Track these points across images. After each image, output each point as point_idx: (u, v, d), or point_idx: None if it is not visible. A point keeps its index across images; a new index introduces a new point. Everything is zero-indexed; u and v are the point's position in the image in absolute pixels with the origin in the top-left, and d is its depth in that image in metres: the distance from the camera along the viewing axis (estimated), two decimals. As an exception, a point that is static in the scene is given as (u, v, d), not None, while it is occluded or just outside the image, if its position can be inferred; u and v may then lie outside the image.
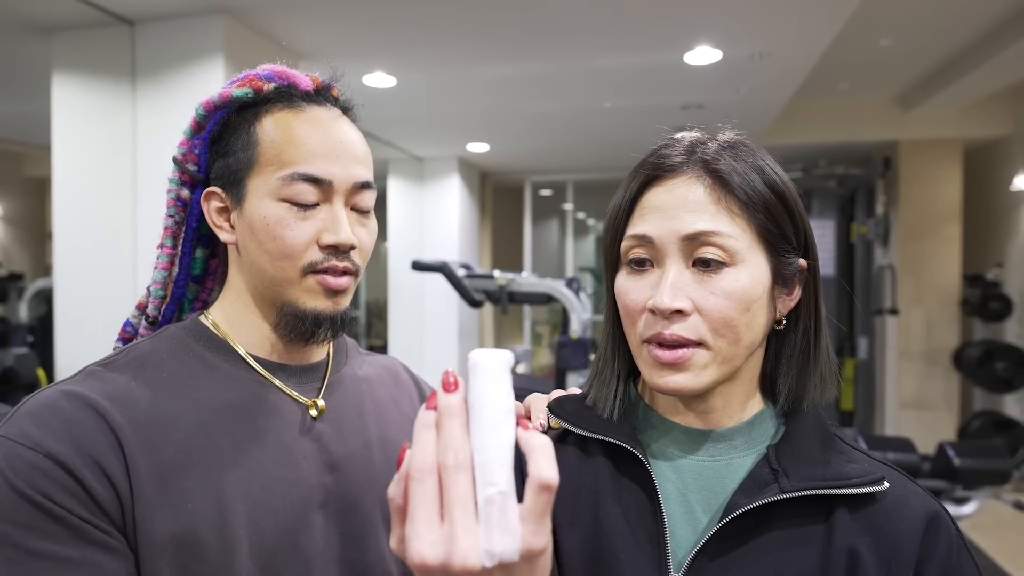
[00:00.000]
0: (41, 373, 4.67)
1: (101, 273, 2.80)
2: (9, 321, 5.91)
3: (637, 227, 0.66)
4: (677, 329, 0.62)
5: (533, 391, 0.81)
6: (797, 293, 0.68)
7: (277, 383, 0.79)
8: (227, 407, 0.74)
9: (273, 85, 0.78)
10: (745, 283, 0.62)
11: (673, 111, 4.33)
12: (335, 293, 0.78)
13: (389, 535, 0.78)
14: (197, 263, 0.85)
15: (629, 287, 0.66)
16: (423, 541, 0.42)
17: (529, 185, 7.19)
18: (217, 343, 0.78)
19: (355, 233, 0.77)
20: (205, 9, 2.66)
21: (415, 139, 5.32)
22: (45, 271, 6.54)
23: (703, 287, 0.62)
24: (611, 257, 0.70)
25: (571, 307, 3.79)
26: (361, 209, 0.80)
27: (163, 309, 0.84)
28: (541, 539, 0.43)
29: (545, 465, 0.43)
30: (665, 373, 0.63)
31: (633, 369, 0.71)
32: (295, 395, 0.80)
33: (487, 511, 0.42)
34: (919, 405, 5.27)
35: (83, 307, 2.82)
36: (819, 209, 5.59)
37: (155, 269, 0.84)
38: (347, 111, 0.83)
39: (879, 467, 0.66)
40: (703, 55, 3.26)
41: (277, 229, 0.74)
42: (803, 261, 0.67)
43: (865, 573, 0.60)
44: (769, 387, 0.70)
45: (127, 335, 0.86)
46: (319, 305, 0.77)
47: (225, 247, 0.85)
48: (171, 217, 0.82)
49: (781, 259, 0.65)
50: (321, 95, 0.81)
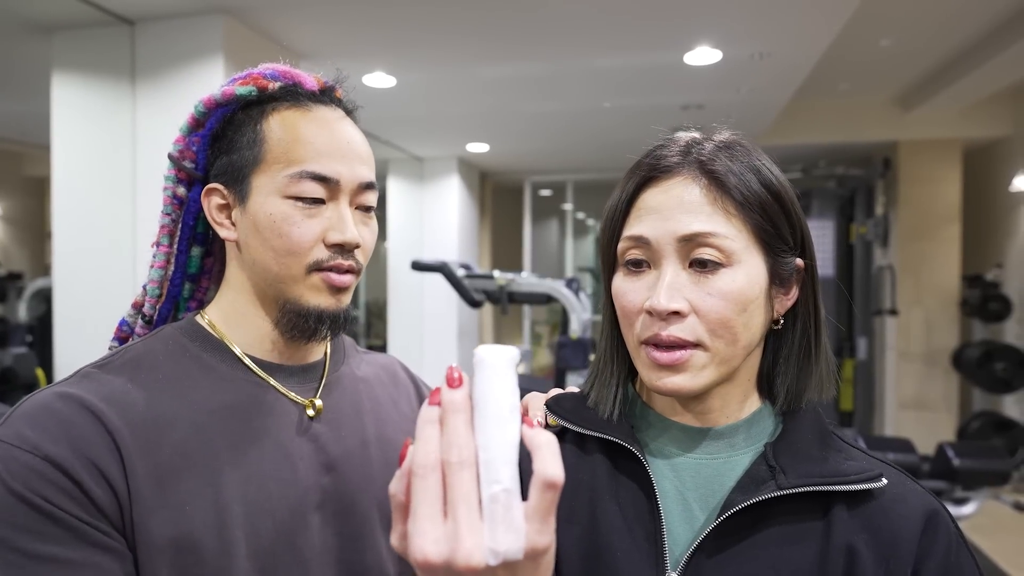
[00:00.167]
0: (40, 373, 4.67)
1: (100, 273, 2.80)
2: (8, 321, 5.91)
3: (633, 228, 0.66)
4: (674, 330, 0.62)
5: (533, 391, 0.81)
6: (794, 293, 0.67)
7: (274, 383, 0.79)
8: (224, 408, 0.74)
9: (279, 84, 0.78)
10: (742, 283, 0.62)
11: (673, 111, 4.33)
12: (338, 290, 0.78)
13: (387, 535, 0.78)
14: (193, 261, 0.84)
15: (626, 288, 0.66)
16: (426, 538, 0.42)
17: (529, 185, 7.19)
18: (213, 343, 0.78)
19: (359, 232, 0.78)
20: (205, 9, 2.66)
21: (415, 139, 5.32)
22: (44, 271, 6.55)
23: (700, 288, 0.62)
24: (608, 258, 0.70)
25: (571, 307, 3.79)
26: (364, 209, 0.81)
27: (159, 308, 0.84)
28: (545, 537, 0.43)
29: (550, 463, 0.43)
30: (663, 374, 0.63)
31: (632, 369, 0.71)
32: (292, 395, 0.80)
33: (491, 509, 0.42)
34: (918, 406, 5.27)
35: (82, 307, 2.82)
36: (819, 209, 5.59)
37: (151, 268, 0.84)
38: (350, 113, 0.84)
39: (877, 465, 0.66)
40: (703, 55, 3.26)
41: (284, 226, 0.74)
42: (800, 261, 0.67)
43: (863, 571, 0.60)
44: (767, 387, 0.70)
45: (123, 335, 0.86)
46: (322, 302, 0.77)
47: (222, 245, 0.84)
48: (167, 215, 0.82)
49: (778, 259, 0.65)
50: (326, 95, 0.81)
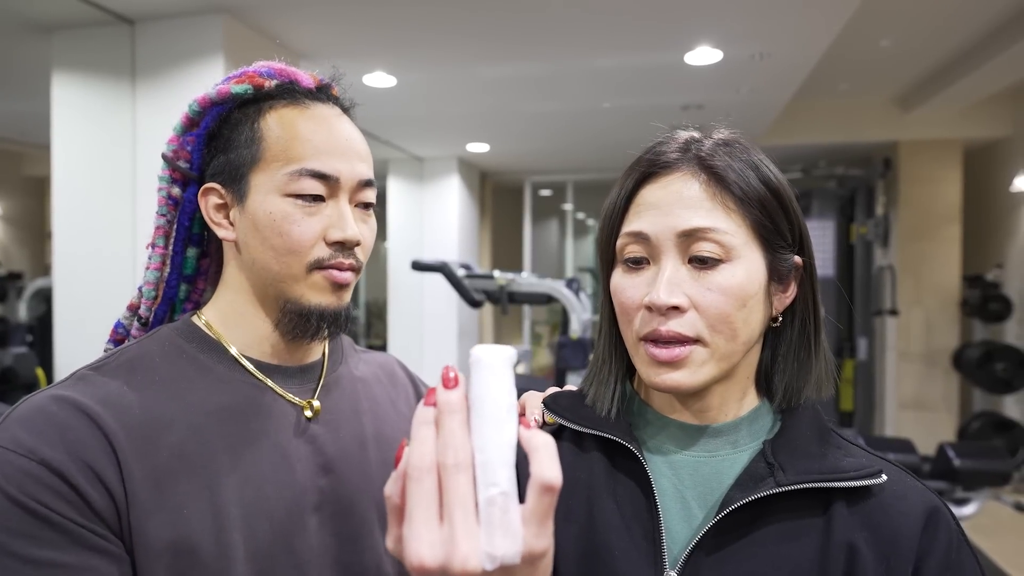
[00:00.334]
0: (40, 373, 4.67)
1: (100, 273, 2.79)
2: (8, 320, 5.91)
3: (633, 224, 0.65)
4: (673, 325, 0.62)
5: (533, 391, 0.81)
6: (793, 291, 0.67)
7: (271, 384, 0.78)
8: (221, 410, 0.74)
9: (275, 82, 0.78)
10: (741, 279, 0.62)
11: (673, 111, 4.33)
12: (340, 288, 0.77)
13: (385, 536, 0.78)
14: (189, 262, 0.84)
15: (625, 284, 0.66)
16: (421, 543, 0.41)
17: (529, 185, 7.19)
18: (210, 344, 0.78)
19: (358, 229, 0.77)
20: (205, 8, 2.66)
21: (415, 139, 5.32)
22: (44, 270, 6.54)
23: (699, 283, 0.62)
24: (607, 255, 0.69)
25: (571, 307, 3.78)
26: (363, 206, 0.80)
27: (155, 310, 0.83)
28: (543, 541, 0.43)
29: (548, 465, 0.42)
30: (662, 371, 0.63)
31: (631, 367, 0.71)
32: (289, 396, 0.79)
33: (488, 512, 0.41)
34: (919, 406, 5.26)
35: (82, 307, 2.82)
36: (819, 210, 5.58)
37: (147, 269, 0.83)
38: (347, 110, 0.83)
39: (877, 461, 0.66)
40: (703, 55, 3.26)
41: (284, 225, 0.74)
42: (798, 258, 0.67)
43: (864, 569, 0.60)
44: (765, 384, 0.70)
45: (119, 336, 0.85)
46: (324, 301, 0.77)
47: (218, 246, 0.84)
48: (162, 216, 0.81)
49: (776, 255, 0.65)
50: (323, 93, 0.81)
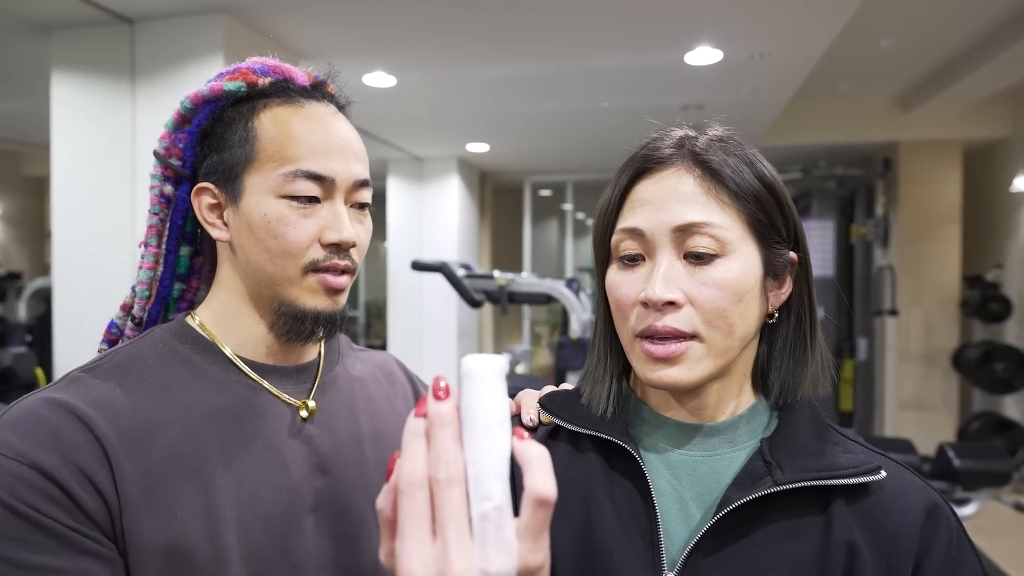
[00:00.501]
0: (39, 372, 4.67)
1: (100, 273, 2.79)
2: (8, 320, 5.91)
3: (627, 220, 0.65)
4: (670, 321, 0.61)
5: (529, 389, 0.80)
6: (788, 287, 0.67)
7: (266, 385, 0.78)
8: (215, 411, 0.73)
9: (269, 79, 0.76)
10: (737, 273, 0.62)
11: (673, 111, 4.33)
12: (335, 292, 0.77)
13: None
14: (182, 261, 0.83)
15: (620, 281, 0.65)
16: (413, 560, 0.40)
17: (529, 185, 7.19)
18: (204, 345, 0.77)
19: (354, 230, 0.77)
20: (205, 8, 2.66)
21: (415, 139, 5.32)
22: (44, 270, 6.54)
23: (695, 278, 0.62)
24: (602, 252, 0.69)
25: (571, 307, 3.78)
26: (359, 206, 0.79)
27: (148, 309, 0.82)
28: (539, 556, 0.42)
29: (542, 478, 0.41)
30: (658, 367, 0.63)
31: (627, 365, 0.71)
32: (285, 397, 0.78)
33: (482, 527, 0.40)
34: (918, 406, 5.26)
35: (82, 306, 2.82)
36: (819, 210, 5.58)
37: (140, 269, 0.82)
38: (342, 108, 0.82)
39: (875, 457, 0.65)
40: (703, 55, 3.26)
41: (279, 227, 0.73)
42: (794, 254, 0.67)
43: (864, 568, 0.59)
44: (761, 381, 0.70)
45: (112, 337, 0.85)
46: (319, 304, 0.76)
47: (211, 245, 0.83)
48: (155, 215, 0.80)
49: (772, 250, 0.65)
50: (317, 91, 0.79)
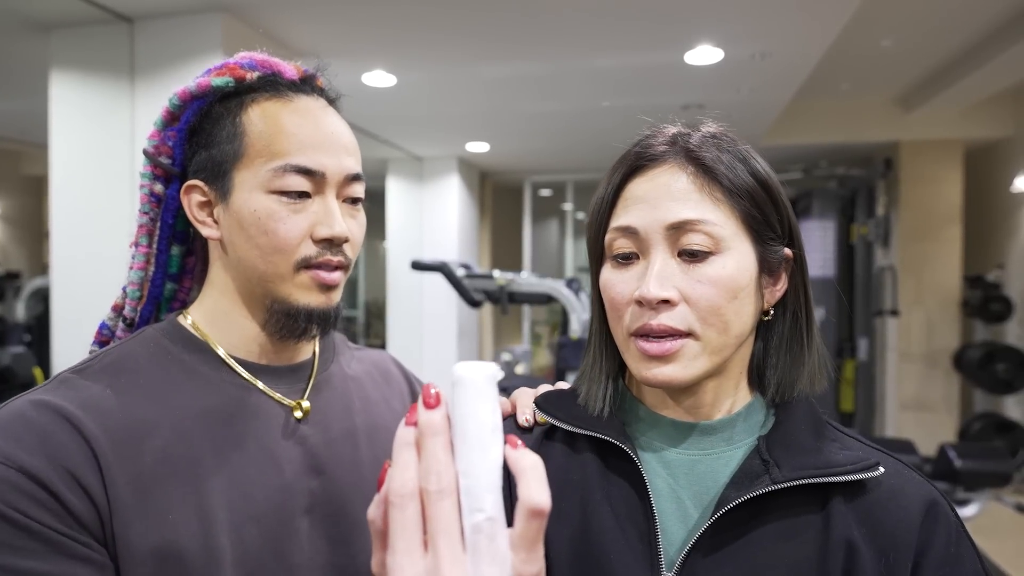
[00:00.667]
0: (38, 372, 4.66)
1: (98, 272, 2.78)
2: (6, 320, 5.91)
3: (621, 219, 0.65)
4: (664, 319, 0.61)
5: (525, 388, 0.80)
6: (783, 283, 0.67)
7: (260, 385, 0.77)
8: (207, 412, 0.72)
9: (257, 74, 0.75)
10: (732, 270, 0.62)
11: (673, 111, 4.29)
12: (328, 288, 0.76)
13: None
14: (174, 261, 0.82)
15: (615, 280, 0.65)
16: (405, 574, 0.39)
17: (529, 185, 7.18)
18: (196, 345, 0.76)
19: (347, 225, 0.75)
20: (204, 7, 2.65)
21: (415, 138, 5.31)
22: (42, 270, 6.53)
23: (689, 276, 0.61)
24: (595, 251, 0.68)
25: (571, 307, 3.78)
26: (351, 201, 0.78)
27: (140, 310, 0.82)
28: (533, 567, 0.41)
29: (536, 488, 0.41)
30: (653, 365, 0.62)
31: (623, 365, 0.70)
32: (278, 397, 0.77)
33: (474, 539, 0.39)
34: (919, 407, 5.25)
35: (80, 306, 2.81)
36: (819, 210, 5.57)
37: (130, 269, 0.81)
38: (332, 102, 0.81)
39: (873, 453, 0.65)
40: (704, 55, 3.26)
41: (269, 223, 0.72)
42: (788, 251, 0.66)
43: (863, 566, 0.59)
44: (757, 379, 0.69)
45: (103, 338, 0.84)
46: (312, 301, 0.75)
47: (203, 244, 0.82)
48: (145, 214, 0.80)
49: (766, 247, 0.64)
50: (307, 84, 0.78)
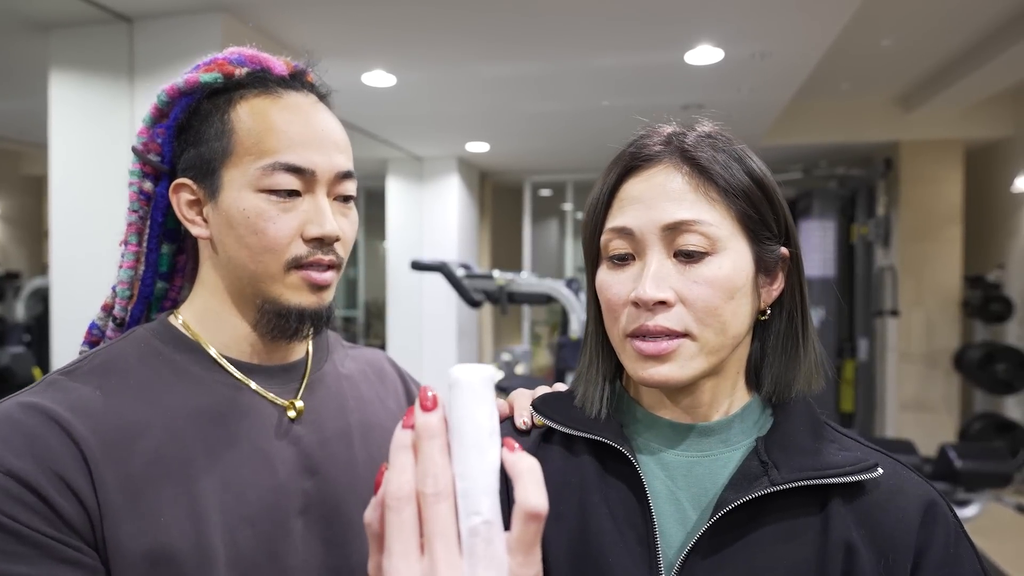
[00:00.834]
0: (37, 372, 4.66)
1: (98, 272, 2.77)
2: (6, 320, 5.91)
3: (616, 219, 0.64)
4: (661, 320, 0.61)
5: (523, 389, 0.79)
6: (780, 283, 0.66)
7: (253, 385, 0.76)
8: (199, 413, 0.71)
9: (246, 70, 0.74)
10: (728, 271, 0.61)
11: (673, 111, 4.29)
12: (320, 288, 0.75)
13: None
14: (164, 260, 0.81)
15: (611, 281, 0.65)
16: None
17: (528, 185, 7.18)
18: (188, 345, 0.75)
19: (338, 224, 0.75)
20: (204, 7, 2.65)
21: (414, 138, 5.31)
22: (42, 270, 6.53)
23: (686, 276, 0.61)
24: (591, 252, 0.68)
25: (570, 307, 3.77)
26: (343, 199, 0.77)
27: (130, 309, 0.81)
28: (530, 570, 0.41)
29: (533, 492, 0.41)
30: (649, 365, 0.62)
31: (620, 366, 0.70)
32: (271, 397, 0.77)
33: (471, 543, 0.39)
34: (919, 407, 5.25)
35: (79, 306, 2.80)
36: (819, 210, 5.56)
37: (120, 268, 0.80)
38: (323, 98, 0.80)
39: (872, 454, 0.65)
40: (704, 54, 3.25)
41: (259, 222, 0.71)
42: (785, 250, 0.66)
43: (862, 568, 0.59)
44: (755, 379, 0.69)
45: (93, 338, 0.83)
46: (303, 301, 0.74)
47: (194, 242, 0.81)
48: (134, 212, 0.79)
49: (763, 246, 0.64)
50: (297, 80, 0.77)
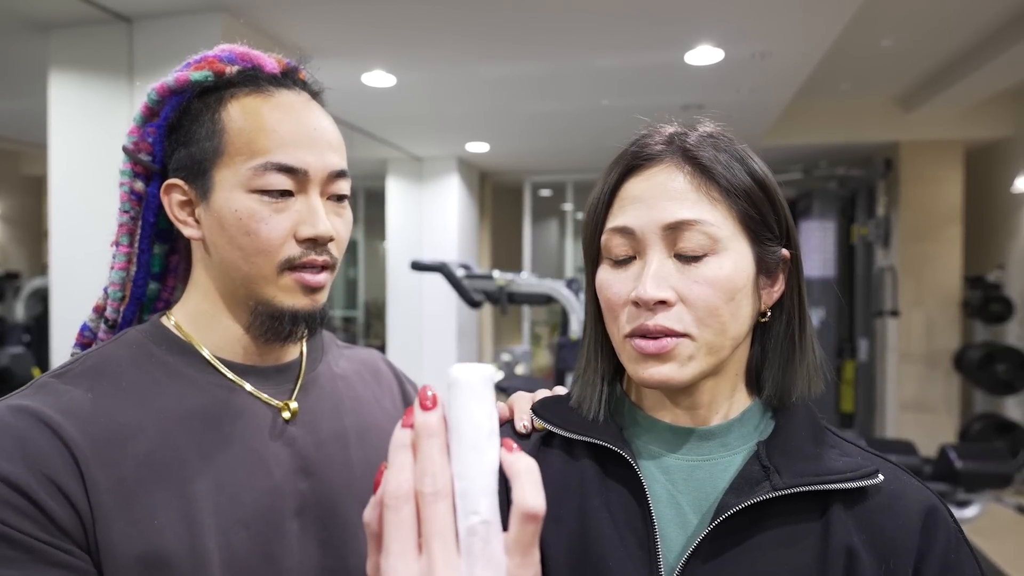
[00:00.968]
0: (36, 372, 4.66)
1: (97, 273, 2.75)
2: (5, 320, 5.91)
3: (617, 219, 0.64)
4: (661, 319, 0.60)
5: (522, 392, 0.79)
6: (780, 285, 0.66)
7: (247, 387, 0.75)
8: (192, 415, 0.71)
9: (236, 68, 0.73)
10: (729, 271, 0.61)
11: (673, 111, 4.29)
12: (313, 290, 0.74)
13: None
14: (156, 260, 0.80)
15: (611, 280, 0.64)
16: None
17: (528, 185, 7.18)
18: (180, 346, 0.74)
19: (332, 224, 0.74)
20: (203, 7, 2.65)
21: (414, 138, 5.31)
22: (42, 270, 6.52)
23: (686, 276, 0.61)
24: (591, 251, 0.68)
25: (570, 308, 3.77)
26: (336, 198, 0.76)
27: (122, 311, 0.80)
28: (528, 571, 0.41)
29: (531, 492, 0.41)
30: (649, 365, 0.61)
31: (619, 368, 0.69)
32: (266, 398, 0.76)
33: (469, 542, 0.39)
34: (919, 407, 5.25)
35: (79, 306, 2.78)
36: (820, 210, 5.56)
37: (112, 269, 0.79)
38: (316, 95, 0.79)
39: (873, 459, 0.64)
40: (704, 55, 3.25)
41: (251, 223, 0.70)
42: (786, 252, 0.66)
43: (863, 572, 0.59)
44: (755, 382, 0.68)
45: (85, 340, 0.82)
46: (297, 303, 0.73)
47: (187, 243, 0.80)
48: (126, 213, 0.78)
49: (764, 247, 0.64)
50: (288, 78, 0.76)
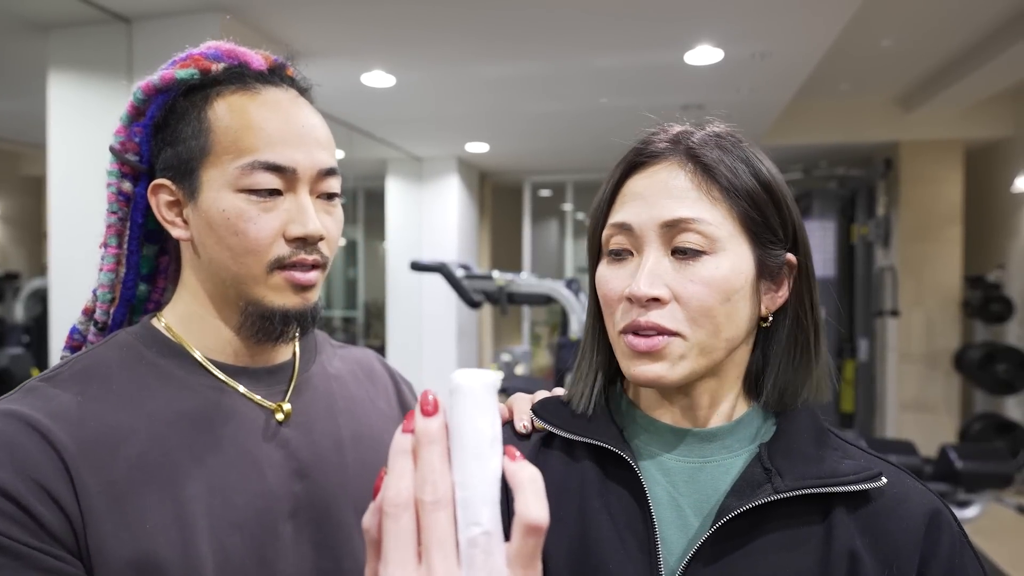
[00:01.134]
0: (35, 373, 4.64)
1: (97, 273, 2.77)
2: (5, 321, 5.90)
3: (617, 215, 0.64)
4: (653, 316, 0.60)
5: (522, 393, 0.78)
6: (785, 290, 0.65)
7: (239, 388, 0.75)
8: (184, 417, 0.70)
9: (223, 65, 0.72)
10: (725, 271, 0.61)
11: (673, 111, 4.29)
12: (304, 289, 0.73)
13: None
14: (146, 261, 0.80)
15: (609, 276, 0.64)
16: None
17: (528, 185, 7.17)
18: (171, 348, 0.74)
19: (322, 223, 0.73)
20: (203, 7, 2.64)
21: (414, 139, 5.31)
22: (42, 271, 6.52)
23: (682, 275, 0.61)
24: (593, 247, 0.68)
25: (570, 308, 3.76)
26: (327, 197, 0.75)
27: (112, 313, 0.79)
28: None
29: (534, 503, 0.40)
30: (641, 362, 0.61)
31: (617, 368, 0.69)
32: (258, 400, 0.75)
33: (470, 553, 0.39)
34: (919, 407, 5.25)
35: (78, 307, 2.78)
36: (820, 210, 5.57)
37: (100, 271, 0.79)
38: (304, 92, 0.78)
39: (876, 463, 0.64)
40: (704, 55, 3.25)
41: (239, 223, 0.69)
42: (791, 256, 0.65)
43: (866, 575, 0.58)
44: (756, 386, 0.68)
45: (75, 343, 0.81)
46: (288, 302, 0.72)
47: (176, 243, 0.79)
48: (114, 214, 0.77)
49: (766, 250, 0.63)
50: (276, 75, 0.75)
